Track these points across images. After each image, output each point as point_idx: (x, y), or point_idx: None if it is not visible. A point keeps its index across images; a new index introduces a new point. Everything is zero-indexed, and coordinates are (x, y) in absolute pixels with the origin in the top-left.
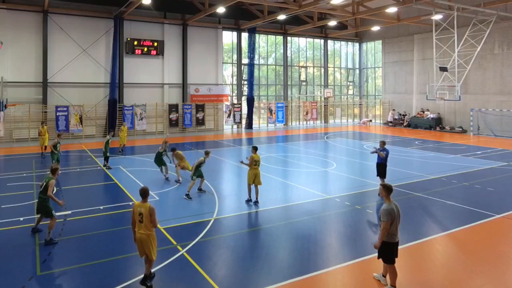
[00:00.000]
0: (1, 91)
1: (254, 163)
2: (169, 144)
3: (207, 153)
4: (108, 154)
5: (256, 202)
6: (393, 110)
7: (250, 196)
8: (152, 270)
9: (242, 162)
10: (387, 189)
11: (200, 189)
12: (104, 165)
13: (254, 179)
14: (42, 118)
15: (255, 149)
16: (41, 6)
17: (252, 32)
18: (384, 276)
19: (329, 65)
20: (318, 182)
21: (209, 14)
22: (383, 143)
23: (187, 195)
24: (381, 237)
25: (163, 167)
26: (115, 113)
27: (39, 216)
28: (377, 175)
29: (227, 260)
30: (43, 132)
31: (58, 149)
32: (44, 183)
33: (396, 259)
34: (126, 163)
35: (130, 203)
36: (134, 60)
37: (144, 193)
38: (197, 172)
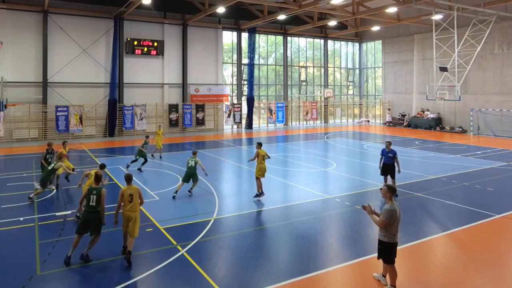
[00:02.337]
0: (1, 91)
1: (261, 158)
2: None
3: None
4: (138, 158)
5: (261, 194)
6: (389, 109)
7: (259, 191)
8: (153, 270)
9: (250, 160)
10: (391, 190)
11: (189, 191)
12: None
13: (261, 173)
14: (42, 118)
15: (259, 144)
16: (41, 6)
17: (252, 32)
18: (384, 276)
19: (329, 65)
20: (318, 182)
21: (209, 14)
22: (389, 144)
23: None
24: (374, 218)
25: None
26: (115, 113)
27: (79, 236)
28: (382, 174)
29: (227, 260)
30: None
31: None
32: (95, 196)
33: (395, 259)
34: (126, 163)
35: None
36: (134, 60)
37: (129, 178)
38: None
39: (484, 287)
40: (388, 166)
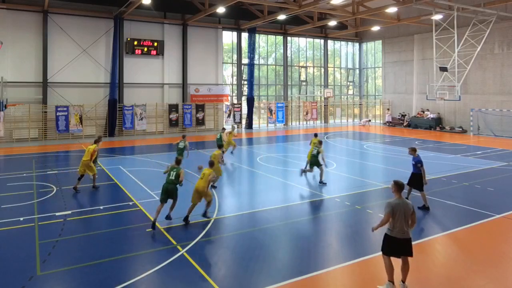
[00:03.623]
0: (1, 91)
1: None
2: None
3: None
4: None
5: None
6: (388, 109)
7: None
8: (153, 270)
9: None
10: (397, 186)
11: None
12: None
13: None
14: (42, 118)
15: (315, 135)
16: (41, 6)
17: (252, 32)
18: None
19: (329, 65)
20: (318, 182)
21: (209, 14)
22: (411, 150)
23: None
24: (379, 225)
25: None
26: (115, 113)
27: (164, 201)
28: (408, 184)
29: (227, 260)
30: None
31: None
32: (175, 171)
33: (391, 254)
34: (126, 163)
35: (130, 203)
36: (134, 60)
37: (211, 163)
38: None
39: (484, 287)
40: (413, 176)
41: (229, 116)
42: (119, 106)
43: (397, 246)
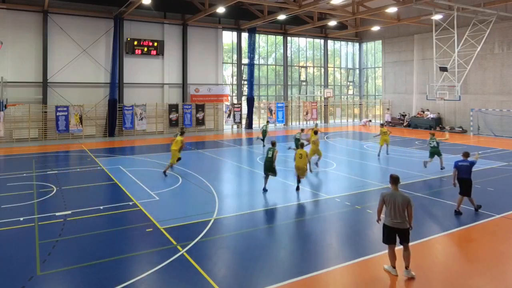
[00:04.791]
0: (1, 91)
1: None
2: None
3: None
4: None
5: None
6: (387, 109)
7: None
8: (153, 270)
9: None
10: (391, 179)
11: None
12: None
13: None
14: (42, 118)
15: (315, 132)
16: (41, 6)
17: (252, 32)
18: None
19: (329, 65)
20: (318, 182)
21: (209, 14)
22: (466, 155)
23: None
24: (377, 214)
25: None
26: (115, 113)
27: (266, 175)
28: (460, 193)
29: (227, 260)
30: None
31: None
32: (271, 152)
33: (389, 242)
34: (126, 163)
35: (130, 203)
36: (134, 60)
37: (302, 145)
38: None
39: (484, 287)
40: (464, 181)
41: (229, 116)
42: (119, 106)
43: (390, 233)
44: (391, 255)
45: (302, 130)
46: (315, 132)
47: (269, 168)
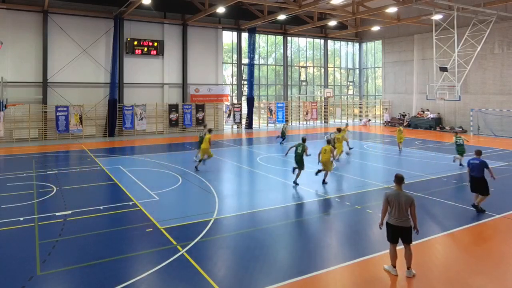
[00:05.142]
0: (1, 91)
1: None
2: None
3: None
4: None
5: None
6: (386, 109)
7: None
8: (153, 270)
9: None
10: (396, 178)
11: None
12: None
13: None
14: (42, 118)
15: (338, 129)
16: (41, 6)
17: (252, 32)
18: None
19: (329, 65)
20: (318, 182)
21: (209, 14)
22: (478, 153)
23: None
24: (381, 216)
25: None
26: (115, 113)
27: (297, 168)
28: (473, 191)
29: (227, 260)
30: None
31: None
32: (301, 147)
33: (391, 241)
34: (126, 163)
35: (130, 203)
36: (134, 60)
37: (328, 141)
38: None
39: (484, 287)
40: (478, 179)
41: (229, 116)
42: (119, 106)
43: (394, 232)
44: (392, 254)
45: (339, 129)
46: (339, 130)
47: (299, 162)
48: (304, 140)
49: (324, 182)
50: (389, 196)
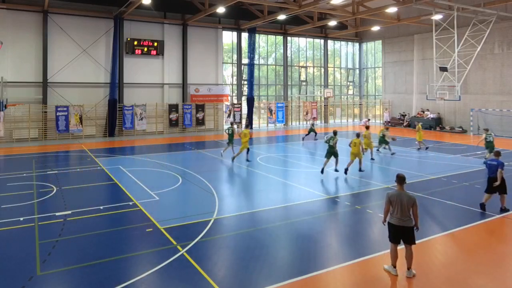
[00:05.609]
0: (1, 91)
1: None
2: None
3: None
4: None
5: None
6: (386, 109)
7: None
8: (153, 270)
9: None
10: (397, 178)
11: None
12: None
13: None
14: (42, 118)
15: (367, 127)
16: (41, 6)
17: (252, 32)
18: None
19: (329, 65)
20: (318, 182)
21: (209, 14)
22: (497, 154)
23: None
24: (383, 216)
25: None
26: (115, 113)
27: (328, 158)
28: (488, 191)
29: (227, 260)
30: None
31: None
32: (332, 139)
33: (392, 240)
34: (126, 163)
35: (130, 203)
36: (134, 60)
37: (358, 135)
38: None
39: (484, 287)
40: (490, 179)
41: (229, 116)
42: (119, 106)
43: (396, 232)
44: (393, 254)
45: (387, 128)
46: (367, 128)
47: (333, 153)
48: (335, 133)
49: (360, 170)
50: (391, 196)
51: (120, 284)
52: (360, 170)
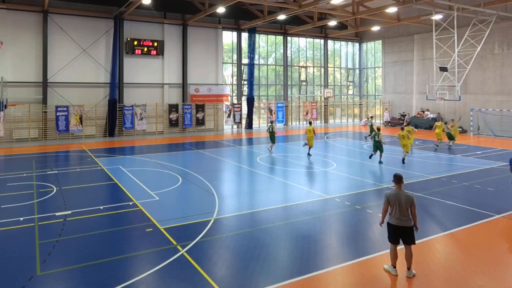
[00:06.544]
0: (1, 91)
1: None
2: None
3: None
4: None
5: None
6: (386, 109)
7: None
8: (153, 270)
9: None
10: (395, 178)
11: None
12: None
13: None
14: (42, 118)
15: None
16: (41, 6)
17: (252, 32)
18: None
19: (329, 65)
20: (318, 182)
21: (209, 14)
22: None
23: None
24: (381, 216)
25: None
26: (115, 113)
27: (375, 151)
28: None
29: (227, 260)
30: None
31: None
32: (377, 135)
33: (392, 240)
34: (126, 163)
35: (130, 203)
36: (134, 60)
37: (402, 129)
38: None
39: (484, 287)
40: None
41: (229, 116)
42: (119, 106)
43: (395, 232)
44: (393, 254)
45: (446, 123)
46: (402, 129)
47: (379, 148)
48: (379, 129)
49: (403, 161)
50: (389, 196)
51: (120, 284)
52: (402, 161)
